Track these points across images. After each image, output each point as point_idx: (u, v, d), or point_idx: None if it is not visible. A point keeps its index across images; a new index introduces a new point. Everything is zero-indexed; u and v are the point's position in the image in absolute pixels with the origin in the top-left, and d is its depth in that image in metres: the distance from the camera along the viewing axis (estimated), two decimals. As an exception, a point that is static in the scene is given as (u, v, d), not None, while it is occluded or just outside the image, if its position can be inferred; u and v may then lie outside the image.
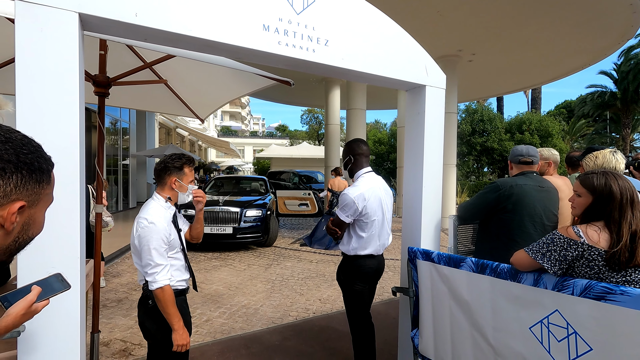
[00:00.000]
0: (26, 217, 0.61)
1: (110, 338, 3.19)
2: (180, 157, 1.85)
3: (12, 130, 0.60)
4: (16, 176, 0.57)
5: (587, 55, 9.42)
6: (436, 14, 7.03)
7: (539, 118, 20.23)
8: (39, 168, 0.60)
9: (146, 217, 1.70)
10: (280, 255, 6.54)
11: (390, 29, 2.14)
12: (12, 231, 0.59)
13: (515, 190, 2.10)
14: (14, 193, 0.57)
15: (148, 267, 1.67)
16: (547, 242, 1.50)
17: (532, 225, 2.08)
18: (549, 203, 2.13)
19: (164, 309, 1.68)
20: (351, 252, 2.29)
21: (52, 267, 1.31)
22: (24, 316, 0.79)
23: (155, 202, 1.79)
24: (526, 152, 2.24)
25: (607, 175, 1.49)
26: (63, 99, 1.35)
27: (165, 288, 1.67)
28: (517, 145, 2.33)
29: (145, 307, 1.77)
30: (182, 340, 1.70)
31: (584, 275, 1.43)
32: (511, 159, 2.31)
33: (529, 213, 2.08)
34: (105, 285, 4.71)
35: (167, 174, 1.81)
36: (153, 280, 1.66)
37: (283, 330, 3.42)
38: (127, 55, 2.70)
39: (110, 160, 11.67)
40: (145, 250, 1.67)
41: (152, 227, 1.68)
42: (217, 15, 1.60)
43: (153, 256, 1.67)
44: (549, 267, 1.47)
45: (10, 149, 0.56)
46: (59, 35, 1.33)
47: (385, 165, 23.90)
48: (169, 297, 1.68)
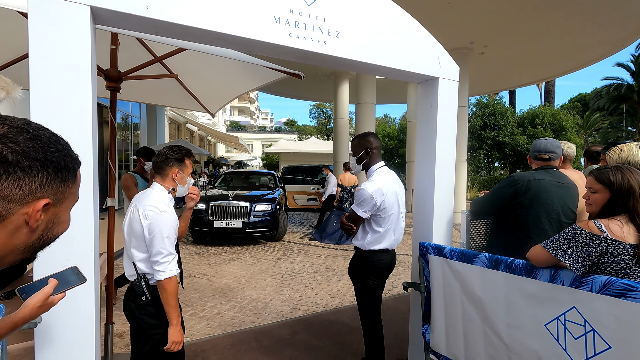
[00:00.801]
0: (51, 215, 0.61)
1: (123, 329, 3.25)
2: (181, 149, 1.82)
3: (42, 127, 0.60)
4: (42, 174, 0.57)
5: (603, 46, 9.15)
6: (447, 5, 6.90)
7: (553, 112, 19.84)
8: (65, 167, 0.60)
9: (156, 205, 1.66)
10: (289, 249, 6.57)
11: (402, 20, 2.09)
12: (36, 229, 0.59)
13: (532, 185, 2.05)
14: (39, 191, 0.57)
15: (159, 255, 1.62)
16: (568, 238, 1.45)
17: (548, 221, 2.03)
18: (567, 199, 2.07)
19: (166, 301, 1.62)
20: (366, 247, 2.27)
21: (67, 260, 1.33)
22: (40, 308, 0.80)
23: (157, 193, 1.74)
24: (544, 147, 2.17)
25: (622, 169, 1.45)
26: (76, 92, 1.35)
27: (173, 278, 1.63)
28: (538, 139, 2.25)
29: (137, 303, 1.69)
30: (178, 337, 1.64)
31: (609, 272, 1.38)
32: (531, 154, 2.26)
33: (545, 209, 2.03)
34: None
35: (168, 165, 1.78)
36: (163, 269, 1.62)
37: (293, 324, 3.43)
38: (138, 49, 2.71)
39: (122, 155, 11.82)
40: (158, 238, 1.62)
41: (165, 215, 1.64)
42: (227, 7, 1.59)
43: (166, 244, 1.62)
44: (571, 264, 1.40)
45: (37, 147, 0.56)
46: (71, 28, 1.33)
47: (394, 160, 23.75)
48: (175, 288, 1.64)
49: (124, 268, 1.78)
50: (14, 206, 0.56)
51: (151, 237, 1.63)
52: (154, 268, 1.63)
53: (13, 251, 0.60)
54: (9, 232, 0.57)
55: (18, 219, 0.57)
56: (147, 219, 1.63)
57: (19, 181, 0.55)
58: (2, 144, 0.54)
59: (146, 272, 1.69)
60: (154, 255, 1.63)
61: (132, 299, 1.72)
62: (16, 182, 0.55)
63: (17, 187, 0.55)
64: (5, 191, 0.54)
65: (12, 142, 0.55)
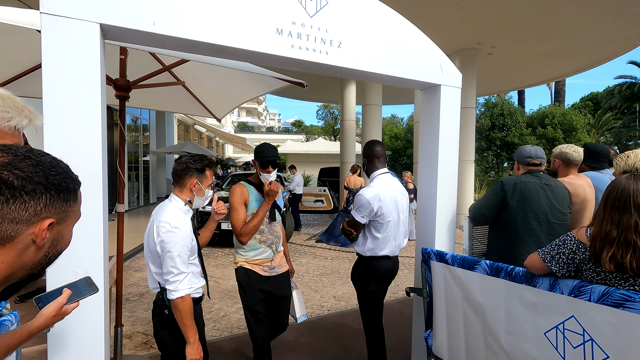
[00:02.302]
0: (55, 233, 0.66)
1: (132, 331, 3.33)
2: (203, 159, 1.77)
3: (43, 153, 0.65)
4: (45, 196, 0.62)
5: (616, 44, 8.99)
6: (454, 6, 6.87)
7: (563, 111, 19.56)
8: (66, 188, 0.65)
9: (168, 221, 1.61)
10: (295, 251, 6.61)
11: (404, 29, 2.12)
12: (42, 246, 0.64)
13: (519, 187, 2.14)
14: (43, 212, 0.62)
15: (170, 275, 1.59)
16: (559, 244, 1.48)
17: (536, 222, 2.10)
18: (555, 200, 2.13)
19: (181, 320, 1.60)
20: (367, 253, 2.30)
21: (77, 267, 1.39)
22: (55, 317, 0.85)
23: (173, 205, 1.69)
24: (535, 153, 2.26)
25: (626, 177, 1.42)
26: (86, 104, 1.41)
27: (186, 297, 1.60)
28: (524, 146, 2.34)
29: (160, 316, 1.69)
30: (196, 354, 1.61)
31: (591, 280, 1.40)
32: (518, 160, 2.33)
33: (533, 210, 2.10)
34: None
35: (188, 174, 1.72)
36: (174, 289, 1.59)
37: (298, 326, 3.47)
38: (146, 58, 2.77)
39: (131, 157, 12.02)
40: (168, 257, 1.58)
41: (177, 232, 1.60)
42: (231, 21, 1.63)
43: (177, 263, 1.59)
44: (556, 269, 1.46)
45: (40, 172, 0.61)
46: (81, 45, 1.39)
47: (401, 160, 23.66)
48: (188, 307, 1.61)
49: (148, 280, 1.76)
50: (21, 227, 0.61)
51: (163, 255, 1.60)
52: (166, 287, 1.62)
53: (22, 268, 0.65)
54: (18, 251, 0.62)
55: (26, 238, 0.62)
56: (159, 236, 1.60)
57: (25, 204, 0.60)
58: (8, 171, 0.59)
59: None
60: (165, 274, 1.61)
61: (156, 312, 1.72)
62: (22, 205, 0.60)
63: (23, 209, 0.60)
64: (13, 214, 0.60)
65: (17, 168, 0.60)
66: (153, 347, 3.04)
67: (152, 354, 2.92)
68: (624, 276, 1.33)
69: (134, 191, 12.31)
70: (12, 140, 0.82)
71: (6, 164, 0.59)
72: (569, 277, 1.45)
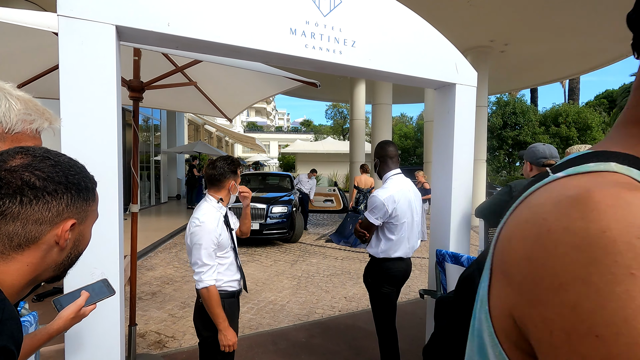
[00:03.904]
0: (77, 234, 0.66)
1: (145, 330, 3.36)
2: (234, 161, 1.92)
3: (60, 154, 0.65)
4: (67, 196, 0.61)
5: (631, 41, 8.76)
6: (466, 4, 6.78)
7: (577, 109, 19.16)
8: (85, 187, 0.65)
9: (198, 217, 1.76)
10: (305, 251, 6.61)
11: (418, 27, 2.08)
12: (65, 247, 0.64)
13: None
14: (65, 212, 0.62)
15: (195, 265, 1.74)
16: None
17: None
18: None
19: (209, 309, 1.73)
20: (380, 255, 2.27)
21: (94, 267, 1.40)
22: (73, 319, 0.86)
23: (207, 204, 1.84)
24: (549, 153, 2.12)
25: None
26: (102, 104, 1.42)
27: (210, 288, 1.72)
28: (535, 145, 2.18)
29: (197, 305, 1.85)
30: (227, 341, 1.73)
31: None
32: (531, 161, 2.17)
33: None
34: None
35: (226, 177, 1.86)
36: (199, 279, 1.72)
37: (309, 327, 3.46)
38: (159, 60, 2.79)
39: (143, 157, 12.17)
40: (196, 248, 1.73)
41: (203, 226, 1.73)
42: (245, 21, 1.63)
43: (202, 255, 1.72)
44: None
45: (60, 172, 0.61)
46: (97, 46, 1.40)
47: (411, 159, 23.48)
48: (214, 297, 1.72)
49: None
50: (45, 228, 0.61)
51: (191, 247, 1.76)
52: (194, 277, 1.76)
53: (46, 269, 0.65)
54: (43, 252, 0.62)
55: (49, 239, 0.62)
56: (189, 230, 1.78)
57: (48, 204, 0.60)
58: (29, 172, 0.59)
59: None
60: (192, 265, 1.77)
61: (196, 302, 1.87)
62: (45, 205, 0.60)
63: (46, 210, 0.60)
64: (37, 215, 0.59)
65: (38, 169, 0.60)
66: (166, 346, 3.07)
67: (166, 353, 2.94)
68: None
69: (145, 191, 12.46)
70: (32, 142, 0.82)
71: (26, 165, 0.59)
72: None
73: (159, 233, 7.54)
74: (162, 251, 6.51)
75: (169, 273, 5.16)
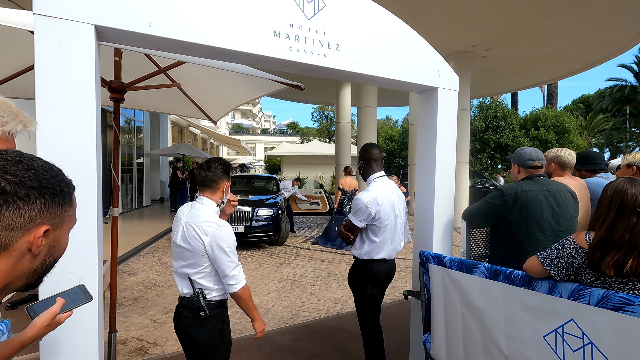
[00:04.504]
0: (51, 240, 0.64)
1: (126, 337, 3.28)
2: (226, 162, 1.87)
3: (34, 157, 0.63)
4: (40, 201, 0.60)
5: (608, 48, 9.12)
6: (449, 9, 6.92)
7: (555, 114, 19.77)
8: (60, 192, 0.63)
9: (214, 221, 1.68)
10: (291, 254, 6.59)
11: (401, 31, 2.12)
12: (38, 254, 0.62)
13: (520, 197, 2.03)
14: (38, 217, 0.60)
15: (228, 269, 1.67)
16: (558, 248, 1.48)
17: (541, 232, 2.01)
18: (558, 207, 2.03)
19: (247, 305, 1.74)
20: (364, 257, 2.29)
21: (71, 273, 1.36)
22: (47, 327, 0.83)
23: (208, 208, 1.75)
24: (536, 155, 2.15)
25: (620, 180, 1.44)
26: (81, 107, 1.38)
27: (246, 286, 1.73)
28: (522, 148, 2.21)
29: (195, 319, 1.70)
30: (263, 325, 1.81)
31: (591, 284, 1.40)
32: (519, 163, 2.20)
33: (536, 220, 2.01)
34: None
35: (221, 179, 1.81)
36: (236, 281, 1.68)
37: (295, 330, 3.45)
38: (141, 60, 2.74)
39: (125, 159, 11.90)
40: (224, 252, 1.66)
41: (225, 229, 1.67)
42: (228, 23, 1.62)
43: (232, 257, 1.68)
44: (555, 273, 1.46)
45: (32, 176, 0.59)
46: (75, 46, 1.37)
47: (396, 162, 23.73)
48: (249, 292, 1.74)
49: (177, 285, 1.78)
50: (16, 234, 0.58)
51: (215, 253, 1.66)
52: (226, 282, 1.70)
53: (19, 277, 0.63)
54: (14, 259, 0.60)
55: (21, 246, 0.60)
56: (207, 236, 1.65)
57: (19, 210, 0.58)
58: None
59: (205, 286, 1.71)
60: (223, 270, 1.68)
61: (188, 315, 1.72)
62: (16, 211, 0.58)
63: (17, 215, 0.58)
64: (7, 220, 0.57)
65: (9, 173, 0.58)
66: (148, 353, 3.00)
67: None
68: (623, 280, 1.33)
69: (127, 194, 12.18)
70: (5, 145, 0.80)
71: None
72: (567, 281, 1.45)
73: (141, 237, 7.38)
74: (144, 255, 6.37)
75: (152, 278, 5.06)
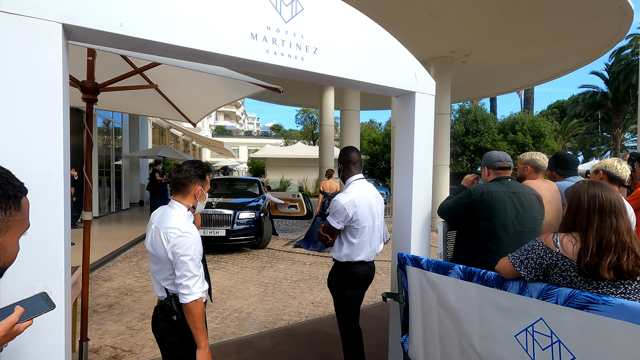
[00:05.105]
0: None
1: (100, 345, 3.17)
2: (202, 165, 1.80)
3: None
4: None
5: (580, 55, 9.51)
6: (429, 16, 7.06)
7: (532, 118, 20.39)
8: (3, 195, 0.60)
9: (178, 227, 1.63)
10: (273, 257, 6.54)
11: (379, 37, 2.14)
12: None
13: (485, 198, 2.11)
14: None
15: (184, 278, 1.61)
16: (528, 249, 1.53)
17: (504, 232, 2.08)
18: (522, 209, 2.10)
19: (194, 324, 1.61)
20: (343, 259, 2.29)
21: (35, 280, 1.30)
22: (4, 337, 0.79)
23: (177, 212, 1.70)
24: (504, 157, 2.26)
25: (584, 184, 1.49)
26: (47, 107, 1.33)
27: (199, 300, 1.63)
28: (491, 152, 2.32)
29: (168, 323, 1.68)
30: (207, 358, 1.65)
31: (558, 284, 1.45)
32: (488, 165, 2.30)
33: (500, 220, 2.08)
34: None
35: (192, 182, 1.74)
36: (189, 292, 1.60)
37: (275, 334, 3.41)
38: (116, 60, 2.67)
39: (103, 161, 11.57)
40: (182, 261, 1.60)
41: (189, 236, 1.62)
42: (204, 24, 1.60)
43: (190, 267, 1.61)
44: (525, 274, 1.50)
45: None
46: (42, 45, 1.32)
47: (380, 165, 23.96)
48: (202, 310, 1.64)
49: (153, 287, 1.75)
50: None
51: (175, 260, 1.61)
52: (178, 290, 1.63)
53: None
54: None
55: None
56: (169, 242, 1.61)
57: None
58: None
59: (176, 292, 1.67)
60: (179, 278, 1.62)
61: (162, 319, 1.70)
62: None
63: None
64: None
65: None
66: (122, 361, 2.91)
67: (121, 369, 2.79)
68: (615, 283, 1.37)
69: (105, 197, 11.84)
70: None
71: None
72: (536, 281, 1.49)
73: (118, 241, 7.18)
74: (121, 260, 6.19)
75: (128, 283, 4.92)
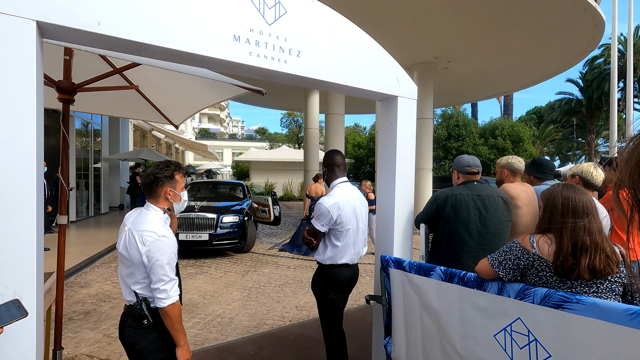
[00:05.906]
0: None
1: (75, 353, 3.06)
2: (169, 165, 1.75)
3: None
4: None
5: (556, 63, 9.89)
6: (412, 22, 7.19)
7: (511, 124, 21.00)
8: None
9: (154, 230, 1.59)
10: (257, 261, 6.48)
11: (362, 41, 2.16)
12: None
13: (449, 200, 2.22)
14: None
15: (160, 282, 1.58)
16: (506, 250, 1.57)
17: (467, 233, 2.17)
18: (485, 211, 2.19)
19: (172, 326, 1.61)
20: (327, 262, 2.29)
21: (5, 287, 1.25)
22: None
23: (153, 215, 1.67)
24: (473, 162, 2.35)
25: (558, 186, 1.55)
26: (18, 109, 1.29)
27: (176, 304, 1.61)
28: (461, 156, 2.41)
29: (138, 328, 1.64)
30: (187, 354, 1.67)
31: (535, 284, 1.49)
32: (458, 169, 2.38)
33: (463, 222, 2.18)
34: None
35: (158, 185, 1.70)
36: (166, 296, 1.58)
37: (258, 339, 3.37)
38: (95, 60, 2.61)
39: (81, 164, 11.23)
40: (159, 265, 1.57)
41: (165, 240, 1.59)
42: (185, 24, 1.58)
43: (167, 271, 1.58)
44: (503, 275, 1.54)
45: None
46: (14, 43, 1.27)
47: (364, 168, 24.14)
48: (179, 312, 1.62)
49: (122, 291, 1.70)
50: None
51: (151, 264, 1.57)
52: (155, 295, 1.59)
53: None
54: None
55: None
56: (145, 246, 1.57)
57: None
58: None
59: (147, 295, 1.63)
60: (155, 283, 1.58)
61: (131, 324, 1.66)
62: None
63: None
64: None
65: None
66: (99, 370, 2.81)
67: (98, 378, 2.70)
68: (588, 283, 1.42)
69: (84, 200, 11.48)
70: None
71: None
72: (514, 281, 1.53)
73: (96, 246, 6.96)
74: (99, 266, 6.01)
75: (106, 290, 4.77)
